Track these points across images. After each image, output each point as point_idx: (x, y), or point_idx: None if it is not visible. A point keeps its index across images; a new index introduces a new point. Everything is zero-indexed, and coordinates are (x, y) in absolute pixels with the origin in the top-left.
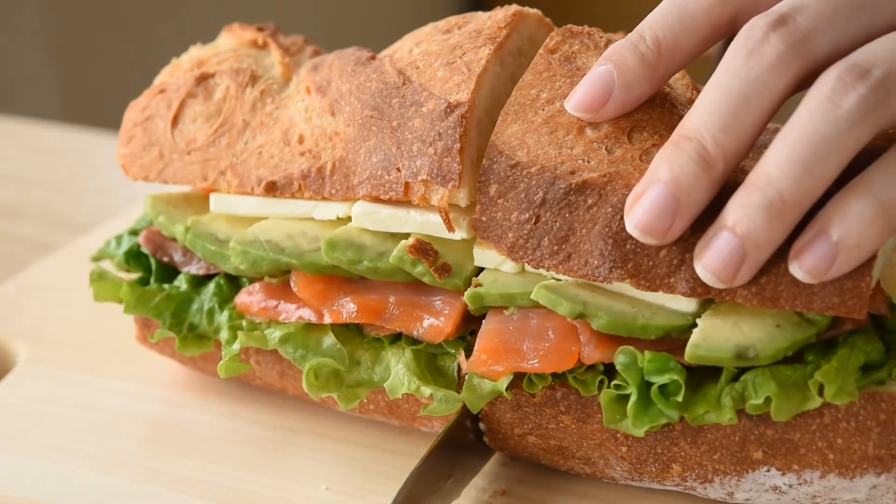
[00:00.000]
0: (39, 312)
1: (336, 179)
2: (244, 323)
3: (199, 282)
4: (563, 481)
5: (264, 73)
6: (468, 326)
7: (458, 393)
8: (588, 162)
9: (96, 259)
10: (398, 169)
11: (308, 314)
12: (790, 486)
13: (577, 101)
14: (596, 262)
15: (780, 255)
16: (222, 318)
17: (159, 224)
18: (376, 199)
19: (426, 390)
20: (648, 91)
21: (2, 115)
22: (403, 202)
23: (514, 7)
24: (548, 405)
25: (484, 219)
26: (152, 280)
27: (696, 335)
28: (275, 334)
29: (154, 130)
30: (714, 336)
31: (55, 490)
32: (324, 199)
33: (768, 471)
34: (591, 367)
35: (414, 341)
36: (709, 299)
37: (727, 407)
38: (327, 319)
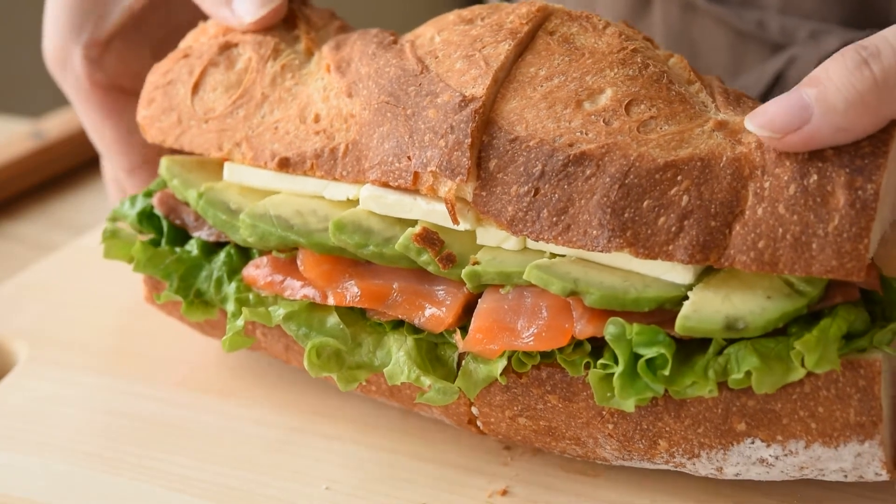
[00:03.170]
0: (39, 312)
1: (348, 162)
2: (251, 296)
3: (210, 249)
4: (564, 481)
5: (287, 46)
6: (469, 316)
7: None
8: (586, 134)
9: (111, 220)
10: (409, 157)
11: (312, 293)
12: (776, 458)
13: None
14: (595, 231)
15: (777, 218)
16: (230, 289)
17: (173, 187)
18: (385, 185)
19: (426, 380)
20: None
21: (2, 115)
22: (412, 190)
23: (540, 1)
24: (534, 385)
25: (484, 193)
26: (164, 242)
27: (686, 307)
28: (279, 311)
29: (175, 95)
30: (705, 308)
31: (55, 490)
32: (335, 179)
33: (753, 443)
34: (579, 347)
35: (416, 329)
36: (705, 272)
37: (710, 379)
38: (331, 301)
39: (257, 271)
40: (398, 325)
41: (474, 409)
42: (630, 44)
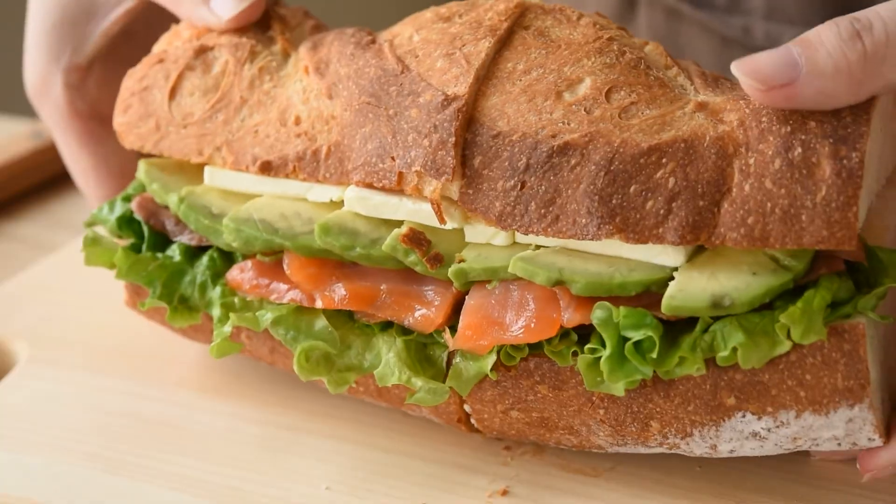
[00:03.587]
0: (39, 312)
1: (331, 164)
2: (236, 300)
3: (192, 253)
4: (564, 481)
5: (263, 48)
6: (457, 315)
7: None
8: (568, 124)
9: (89, 225)
10: (392, 158)
11: (300, 296)
12: (769, 431)
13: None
14: (584, 220)
15: (765, 193)
16: (214, 293)
17: (153, 191)
18: (369, 186)
19: (417, 382)
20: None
21: (2, 115)
22: (397, 190)
23: None
24: (523, 377)
25: (470, 191)
26: (144, 247)
27: (672, 287)
28: (266, 316)
29: (151, 101)
30: (690, 287)
31: (55, 490)
32: (318, 182)
33: (744, 416)
34: (566, 337)
35: (405, 330)
36: (694, 254)
37: (697, 357)
38: (319, 304)
39: (242, 275)
40: (387, 326)
41: (467, 407)
42: (605, 33)
